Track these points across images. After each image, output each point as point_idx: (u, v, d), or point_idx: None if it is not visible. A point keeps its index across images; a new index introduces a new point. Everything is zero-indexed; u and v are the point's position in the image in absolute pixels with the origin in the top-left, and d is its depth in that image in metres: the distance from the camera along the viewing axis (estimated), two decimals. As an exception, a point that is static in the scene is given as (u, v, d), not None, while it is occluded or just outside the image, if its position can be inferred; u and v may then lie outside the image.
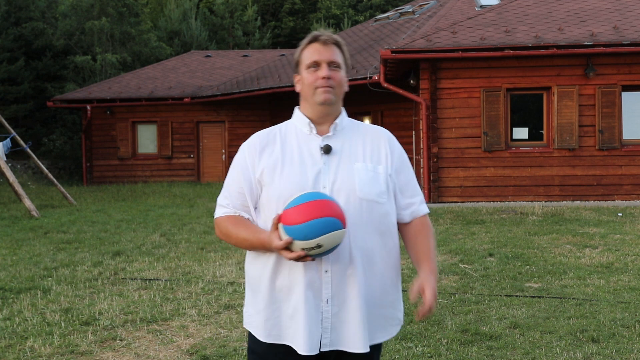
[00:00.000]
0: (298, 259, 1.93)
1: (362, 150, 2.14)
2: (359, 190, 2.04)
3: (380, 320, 2.13)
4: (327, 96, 2.10)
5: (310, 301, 2.02)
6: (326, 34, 2.15)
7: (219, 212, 2.18)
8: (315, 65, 2.11)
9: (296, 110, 2.21)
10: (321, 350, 2.04)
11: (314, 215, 1.89)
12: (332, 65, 2.12)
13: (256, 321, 2.13)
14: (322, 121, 2.15)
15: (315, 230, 1.88)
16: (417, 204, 2.21)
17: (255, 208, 2.14)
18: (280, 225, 1.95)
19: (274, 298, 2.08)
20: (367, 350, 2.05)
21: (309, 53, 2.13)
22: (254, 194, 2.12)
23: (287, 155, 2.10)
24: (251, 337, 2.18)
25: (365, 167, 2.09)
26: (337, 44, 2.15)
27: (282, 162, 2.08)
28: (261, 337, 2.11)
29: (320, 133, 2.14)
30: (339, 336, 2.04)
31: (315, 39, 2.14)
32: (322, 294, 2.03)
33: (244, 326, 2.21)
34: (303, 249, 1.92)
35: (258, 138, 2.16)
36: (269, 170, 2.08)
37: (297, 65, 2.19)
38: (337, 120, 2.16)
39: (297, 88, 2.19)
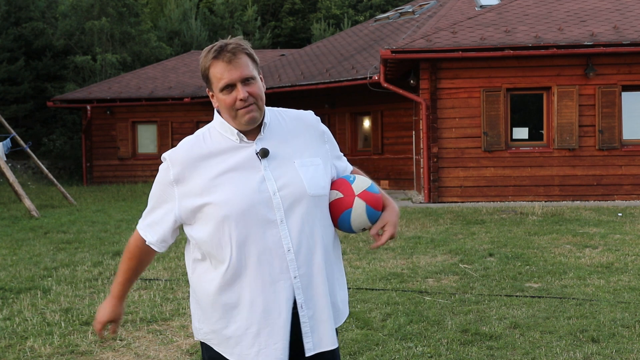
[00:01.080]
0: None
1: (295, 145, 2.08)
2: (308, 188, 2.01)
3: (339, 307, 2.15)
4: (251, 115, 1.98)
5: (284, 313, 1.99)
6: (229, 46, 1.97)
7: (142, 232, 2.13)
8: (229, 87, 1.97)
9: (218, 117, 2.07)
10: (306, 355, 2.03)
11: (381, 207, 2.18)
12: (246, 80, 1.98)
13: (215, 339, 2.07)
14: (249, 129, 2.05)
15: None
16: (348, 165, 2.29)
17: (192, 223, 2.05)
18: (364, 205, 2.10)
19: (234, 317, 2.02)
20: (337, 345, 2.07)
21: (218, 73, 1.97)
22: (180, 215, 2.04)
23: (224, 169, 1.99)
24: (209, 350, 2.11)
25: (304, 162, 2.05)
26: (243, 53, 1.99)
27: (220, 175, 1.99)
28: (225, 354, 2.06)
29: (250, 138, 2.03)
30: (321, 338, 2.04)
31: (217, 56, 1.97)
32: (296, 301, 2.01)
33: (198, 338, 2.14)
34: (364, 228, 2.15)
35: (183, 150, 2.03)
36: (208, 189, 1.98)
37: (206, 80, 2.03)
38: (265, 120, 2.05)
39: (215, 104, 2.05)
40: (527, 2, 14.54)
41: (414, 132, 15.45)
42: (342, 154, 2.29)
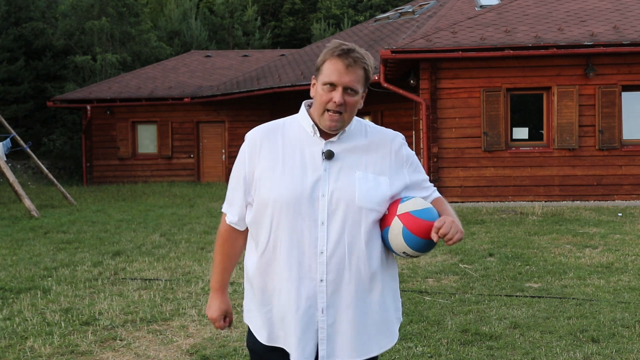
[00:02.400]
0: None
1: (365, 158, 2.08)
2: (358, 199, 2.01)
3: (375, 332, 2.10)
4: (332, 124, 2.03)
5: (301, 310, 2.01)
6: (355, 54, 2.01)
7: (226, 212, 2.21)
8: (332, 85, 2.01)
9: (304, 107, 2.14)
10: None
11: (429, 236, 2.02)
12: (349, 89, 2.02)
13: (254, 318, 2.15)
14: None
15: (427, 249, 2.05)
16: (434, 193, 2.24)
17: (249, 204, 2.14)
18: (401, 226, 2.01)
19: (266, 299, 2.09)
20: None
21: (330, 69, 2.01)
22: (247, 181, 2.12)
23: (288, 157, 2.05)
24: (250, 335, 2.18)
25: (366, 176, 2.04)
26: (362, 67, 2.03)
27: (282, 164, 2.04)
28: (258, 336, 2.13)
29: (324, 137, 2.08)
30: (334, 348, 2.03)
31: (341, 56, 2.00)
32: (317, 304, 2.01)
33: (244, 320, 2.22)
34: (405, 252, 2.05)
35: (260, 131, 2.12)
36: (267, 170, 2.05)
37: (317, 70, 2.08)
38: (345, 127, 2.09)
39: (312, 92, 2.11)
40: (527, 2, 14.53)
41: (414, 132, 15.45)
42: (430, 184, 2.24)
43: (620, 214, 10.54)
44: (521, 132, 13.03)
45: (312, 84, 2.11)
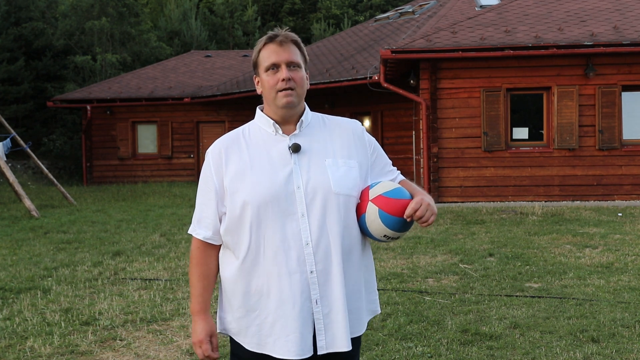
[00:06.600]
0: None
1: (331, 145, 2.11)
2: (334, 186, 2.03)
3: (359, 314, 2.12)
4: (289, 100, 2.06)
5: (298, 304, 2.00)
6: (283, 33, 2.09)
7: (194, 232, 2.15)
8: (274, 67, 2.07)
9: (258, 111, 2.17)
10: (318, 353, 2.03)
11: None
12: (292, 65, 2.07)
13: (235, 328, 2.10)
14: (286, 121, 2.11)
15: (405, 227, 2.07)
16: (399, 176, 2.25)
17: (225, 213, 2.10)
18: (377, 209, 2.03)
19: (254, 304, 2.05)
20: (351, 348, 2.05)
21: (267, 54, 2.08)
22: (218, 195, 2.09)
23: (255, 159, 2.06)
24: (233, 341, 2.15)
25: (337, 162, 2.07)
26: (294, 43, 2.10)
27: (250, 166, 2.05)
28: (244, 344, 2.09)
29: (286, 132, 2.10)
30: (333, 338, 2.03)
31: (271, 40, 2.09)
32: (310, 296, 2.01)
33: (220, 331, 2.17)
34: (385, 236, 2.06)
35: (222, 143, 2.12)
36: (238, 176, 2.04)
37: (255, 66, 2.14)
38: (302, 118, 2.12)
39: (258, 90, 2.15)
40: (527, 2, 14.53)
41: (414, 132, 15.45)
42: (393, 168, 2.26)
43: (620, 214, 10.54)
44: (521, 132, 13.03)
45: (256, 82, 2.16)
